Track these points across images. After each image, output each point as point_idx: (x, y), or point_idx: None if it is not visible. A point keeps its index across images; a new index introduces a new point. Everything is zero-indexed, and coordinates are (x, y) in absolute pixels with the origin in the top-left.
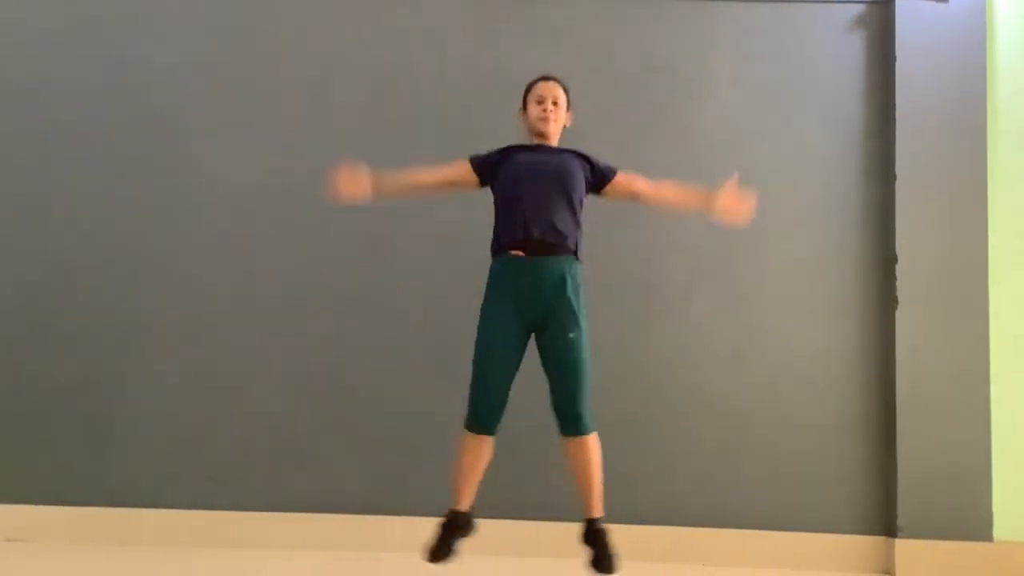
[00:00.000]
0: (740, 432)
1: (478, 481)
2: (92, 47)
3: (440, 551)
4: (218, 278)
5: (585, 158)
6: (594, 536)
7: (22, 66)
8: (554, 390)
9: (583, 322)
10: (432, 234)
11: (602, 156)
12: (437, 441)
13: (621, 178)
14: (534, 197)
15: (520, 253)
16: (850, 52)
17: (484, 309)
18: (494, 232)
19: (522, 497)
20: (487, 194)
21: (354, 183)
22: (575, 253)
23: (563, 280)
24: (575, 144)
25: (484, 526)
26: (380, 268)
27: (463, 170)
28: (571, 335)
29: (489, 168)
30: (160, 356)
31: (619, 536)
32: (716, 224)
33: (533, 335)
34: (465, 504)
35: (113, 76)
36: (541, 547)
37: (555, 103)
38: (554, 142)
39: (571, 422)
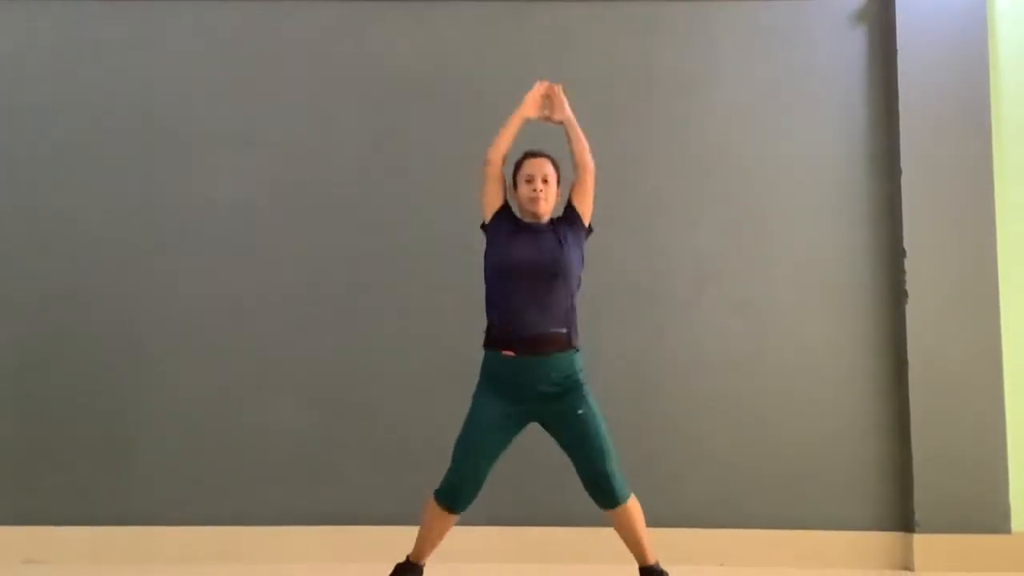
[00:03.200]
0: (754, 432)
1: (439, 542)
2: (98, 64)
3: None
4: (233, 295)
5: (568, 219)
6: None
7: (31, 83)
8: (579, 469)
9: (590, 396)
10: (444, 247)
11: (605, 165)
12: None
13: (575, 197)
14: (526, 296)
15: (511, 354)
16: (852, 47)
17: (476, 395)
18: (487, 319)
19: (537, 504)
20: None
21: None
22: (571, 344)
23: (562, 379)
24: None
25: (502, 534)
26: (395, 281)
27: (500, 176)
28: (580, 412)
29: (498, 216)
30: (175, 374)
31: None
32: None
33: (536, 421)
34: (423, 559)
35: (119, 92)
36: (557, 553)
37: (545, 181)
38: (546, 219)
39: (606, 496)
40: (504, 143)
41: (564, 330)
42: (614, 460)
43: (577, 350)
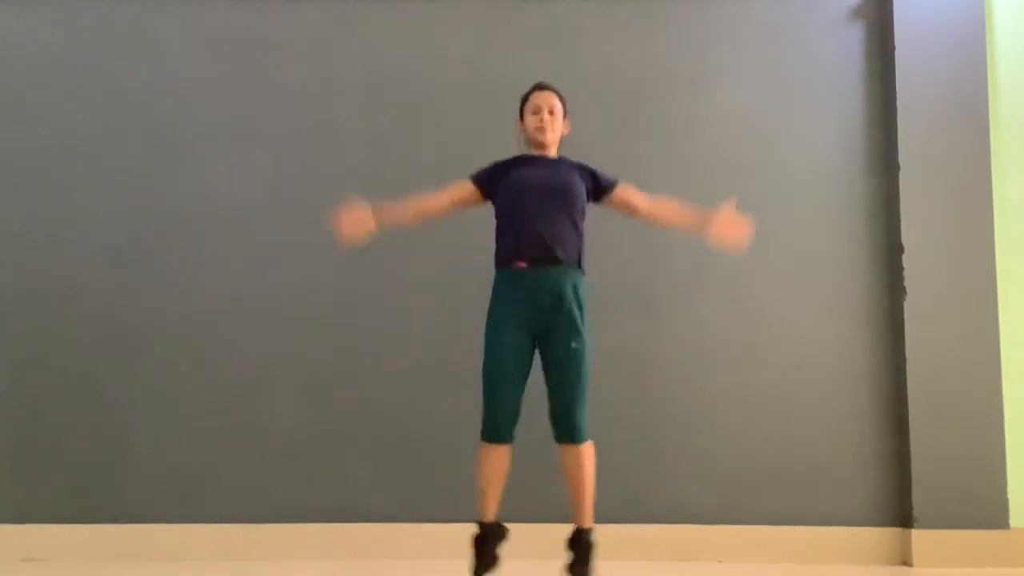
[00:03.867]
0: (752, 428)
1: (501, 490)
2: (96, 63)
3: (481, 565)
4: (231, 293)
5: (585, 169)
6: (580, 545)
7: (28, 82)
8: (552, 398)
9: (585, 333)
10: (444, 243)
11: (605, 165)
12: (454, 449)
13: (620, 191)
14: (535, 210)
15: (523, 265)
16: (849, 43)
17: (489, 321)
18: (496, 245)
19: (536, 501)
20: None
21: (357, 221)
22: (578, 264)
23: (566, 291)
24: (578, 146)
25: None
26: (393, 278)
27: (466, 188)
28: (573, 345)
29: (491, 181)
30: (174, 373)
31: (635, 535)
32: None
33: (537, 337)
34: (491, 514)
35: (116, 91)
36: (556, 550)
37: (551, 112)
38: (553, 151)
39: (567, 431)
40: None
41: (572, 249)
42: (585, 405)
43: (583, 273)
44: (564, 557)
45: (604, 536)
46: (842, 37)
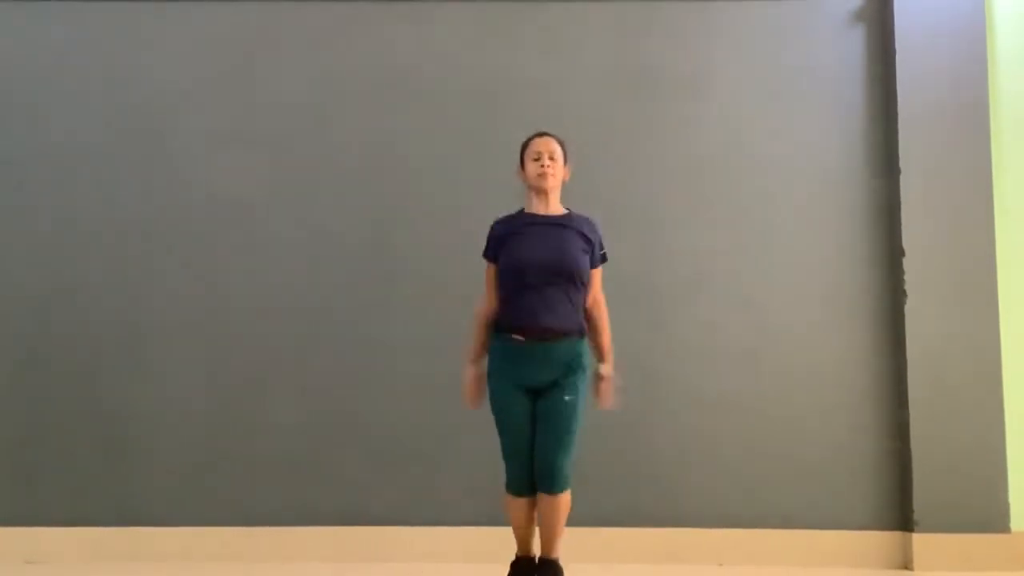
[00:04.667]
0: (753, 432)
1: (534, 530)
2: (98, 64)
3: None
4: (233, 295)
5: (590, 239)
6: (548, 571)
7: (27, 83)
8: (538, 446)
9: (582, 389)
10: (443, 247)
11: (606, 165)
12: (455, 452)
13: (595, 272)
14: (534, 286)
15: (520, 339)
16: (850, 47)
17: (492, 384)
18: (499, 309)
19: None
20: (499, 202)
21: (475, 386)
22: (579, 332)
23: (564, 361)
24: (579, 147)
25: (503, 534)
26: (394, 281)
27: (492, 271)
28: (567, 398)
29: (498, 249)
30: (175, 375)
31: (635, 539)
32: (719, 226)
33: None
34: (527, 551)
35: (115, 92)
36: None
37: (552, 158)
38: (554, 196)
39: (547, 481)
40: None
41: (572, 322)
42: (569, 456)
43: (583, 337)
44: (563, 561)
45: (604, 539)
46: (843, 40)
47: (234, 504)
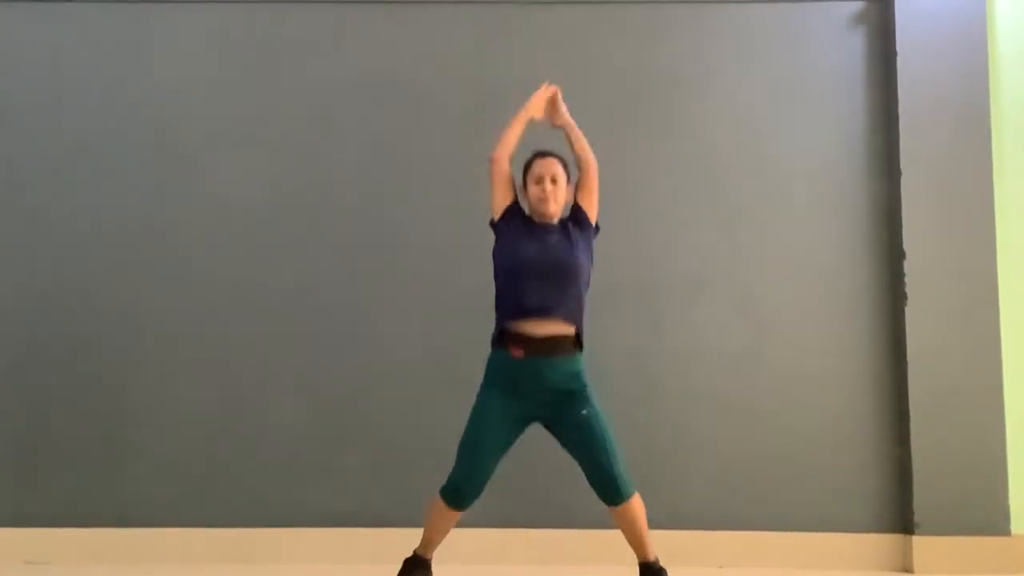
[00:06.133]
0: (753, 434)
1: (443, 537)
2: (98, 64)
3: None
4: (233, 296)
5: (572, 218)
6: (653, 574)
7: (28, 83)
8: (584, 468)
9: (594, 400)
10: (445, 247)
11: (606, 165)
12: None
13: (580, 193)
14: (534, 291)
15: (519, 354)
16: (851, 49)
17: (481, 394)
18: (496, 319)
19: (538, 506)
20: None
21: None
22: (578, 345)
23: (566, 380)
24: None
25: (503, 535)
26: (395, 282)
27: (507, 169)
28: (584, 412)
29: (508, 214)
30: (175, 375)
31: None
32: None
33: (538, 421)
34: (429, 553)
35: (116, 93)
36: (558, 555)
37: (554, 181)
38: (556, 220)
39: (614, 495)
40: (509, 142)
41: (572, 331)
42: (620, 460)
43: (582, 351)
44: (563, 562)
45: (603, 541)
46: (844, 42)
47: (234, 504)
